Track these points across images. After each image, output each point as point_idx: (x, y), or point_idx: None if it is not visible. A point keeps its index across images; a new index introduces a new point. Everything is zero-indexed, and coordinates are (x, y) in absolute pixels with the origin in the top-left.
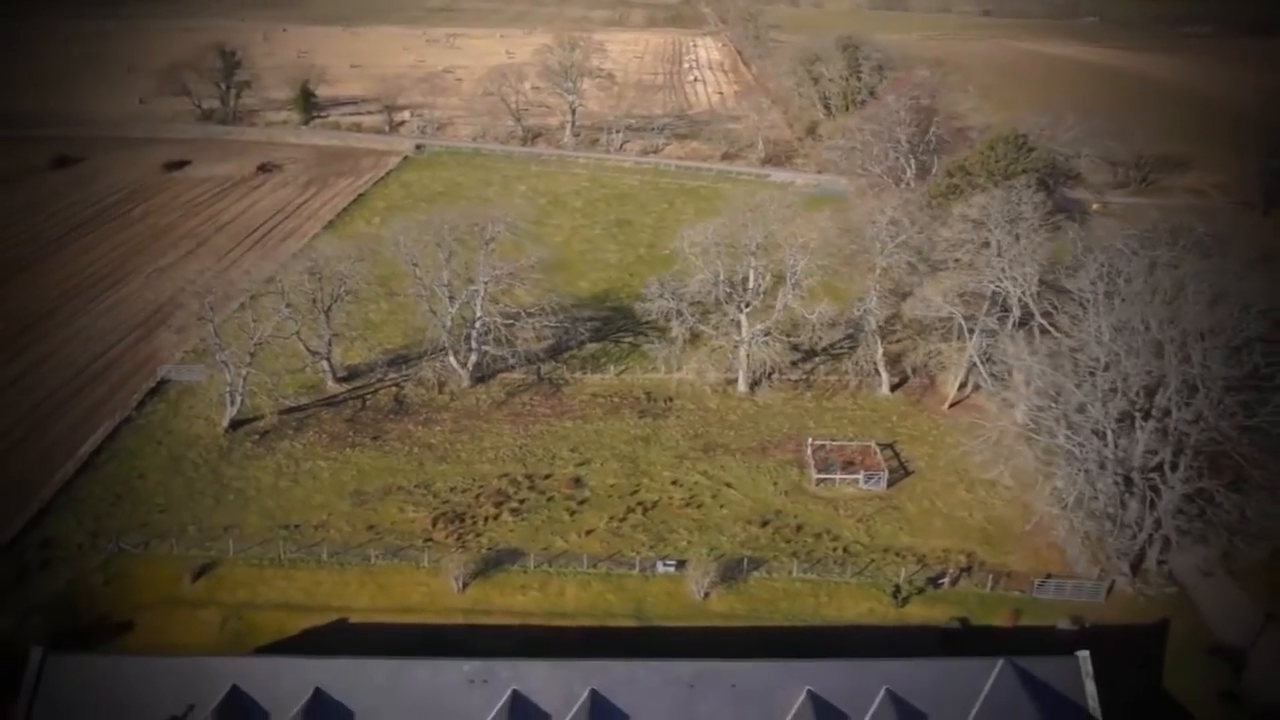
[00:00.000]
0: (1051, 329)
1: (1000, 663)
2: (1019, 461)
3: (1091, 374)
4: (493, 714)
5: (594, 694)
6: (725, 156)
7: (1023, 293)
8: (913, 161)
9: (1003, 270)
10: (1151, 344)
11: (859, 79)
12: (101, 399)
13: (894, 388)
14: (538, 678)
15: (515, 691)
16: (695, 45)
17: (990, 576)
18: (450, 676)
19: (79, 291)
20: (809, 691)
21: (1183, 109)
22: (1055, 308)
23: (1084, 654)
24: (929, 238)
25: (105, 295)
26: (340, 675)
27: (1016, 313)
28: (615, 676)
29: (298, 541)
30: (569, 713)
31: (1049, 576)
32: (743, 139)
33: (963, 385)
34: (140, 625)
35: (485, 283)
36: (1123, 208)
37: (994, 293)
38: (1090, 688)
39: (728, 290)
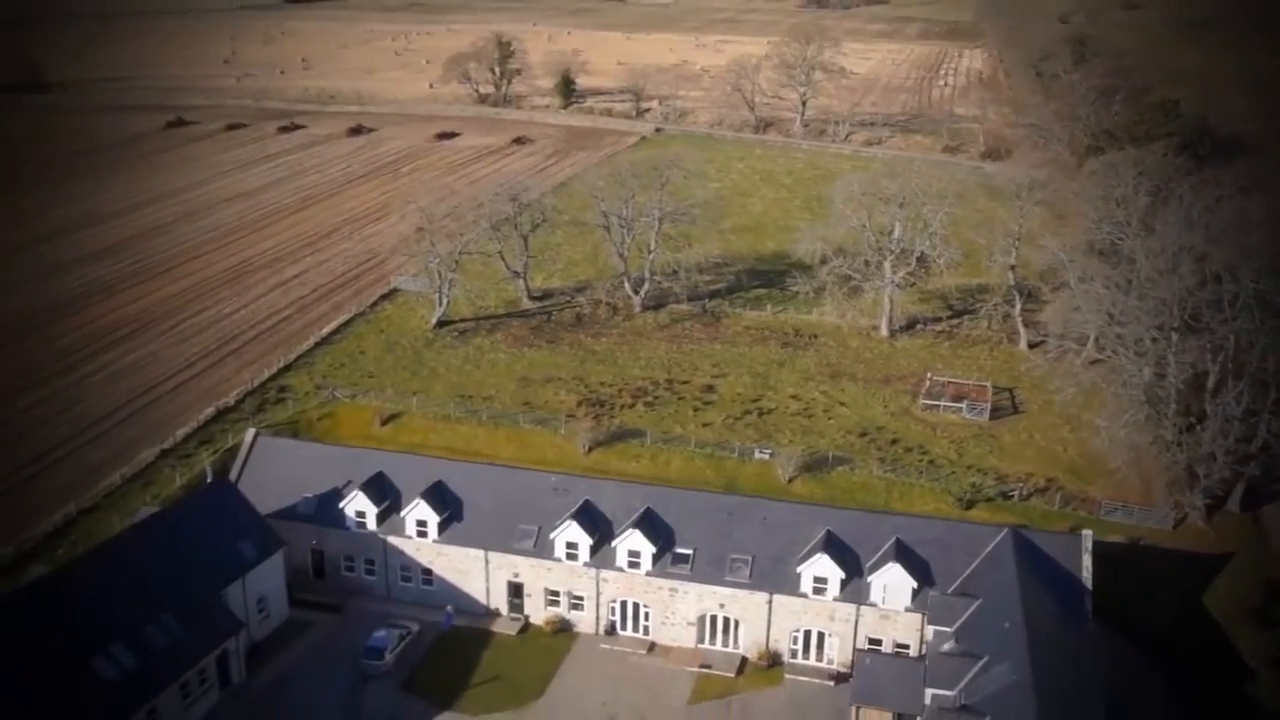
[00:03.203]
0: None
1: (1005, 529)
2: (1082, 379)
3: (1143, 296)
4: (567, 514)
5: (649, 510)
6: (946, 150)
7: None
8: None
9: (1120, 223)
10: (1199, 263)
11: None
12: (347, 298)
13: (1033, 345)
14: (606, 492)
15: (587, 500)
16: (959, 55)
17: (1060, 496)
18: (540, 483)
19: (350, 222)
20: (828, 531)
21: None
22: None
23: (1087, 533)
24: (1061, 194)
25: (368, 226)
26: (457, 473)
27: (1144, 267)
28: (669, 499)
29: (467, 407)
30: (627, 521)
31: (1124, 504)
32: (968, 135)
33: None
34: None
35: (659, 218)
36: None
37: (1114, 246)
38: (1086, 561)
39: (873, 238)
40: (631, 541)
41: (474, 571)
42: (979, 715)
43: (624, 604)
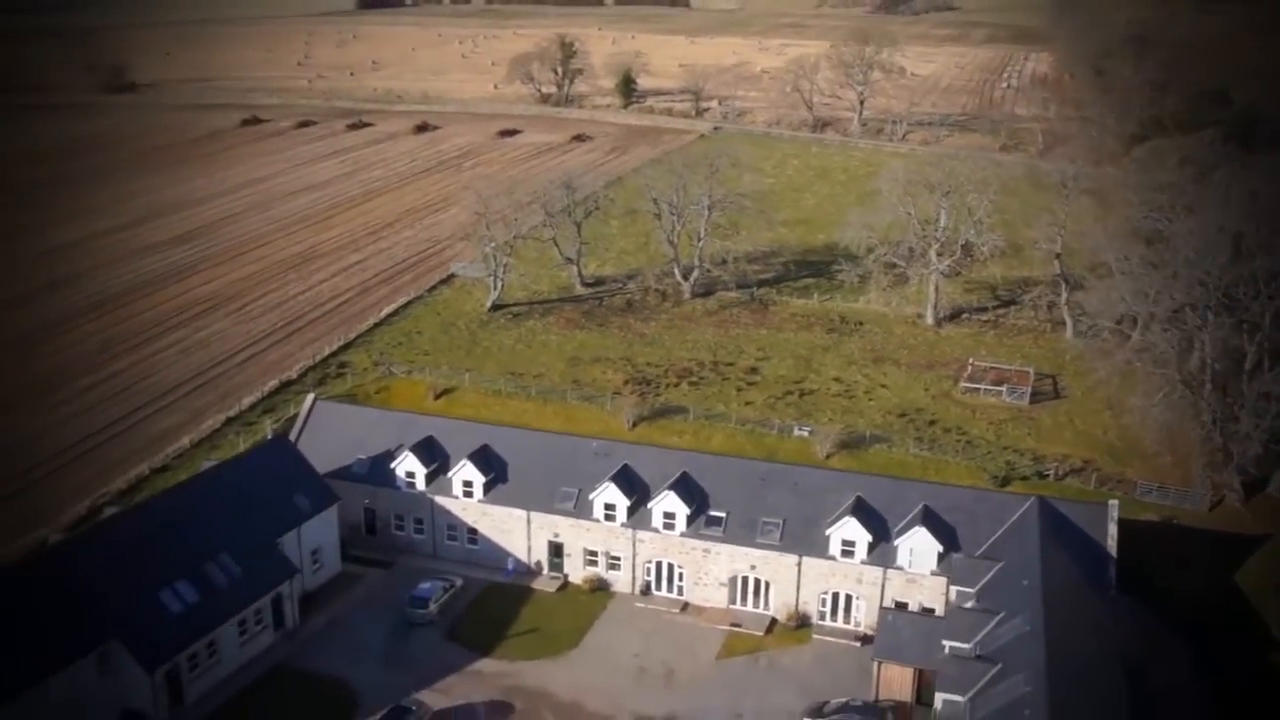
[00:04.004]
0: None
1: (1032, 499)
2: (1117, 358)
3: (1176, 275)
4: (607, 477)
5: (684, 474)
6: (1003, 148)
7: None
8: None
9: (1163, 208)
10: (1234, 241)
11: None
12: (406, 283)
13: (1079, 334)
14: (645, 457)
15: (626, 464)
16: (1025, 59)
17: (1096, 476)
18: (581, 448)
19: (412, 213)
20: (858, 496)
21: None
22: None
23: (1113, 503)
24: (1107, 183)
25: (428, 217)
26: (503, 437)
27: (1180, 245)
28: (704, 464)
29: (517, 383)
30: (664, 484)
31: (1160, 486)
32: (1026, 134)
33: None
34: None
35: (708, 205)
36: None
37: (1158, 232)
38: (1111, 529)
39: (919, 226)
40: (667, 504)
41: (516, 531)
42: (990, 663)
43: (659, 564)
